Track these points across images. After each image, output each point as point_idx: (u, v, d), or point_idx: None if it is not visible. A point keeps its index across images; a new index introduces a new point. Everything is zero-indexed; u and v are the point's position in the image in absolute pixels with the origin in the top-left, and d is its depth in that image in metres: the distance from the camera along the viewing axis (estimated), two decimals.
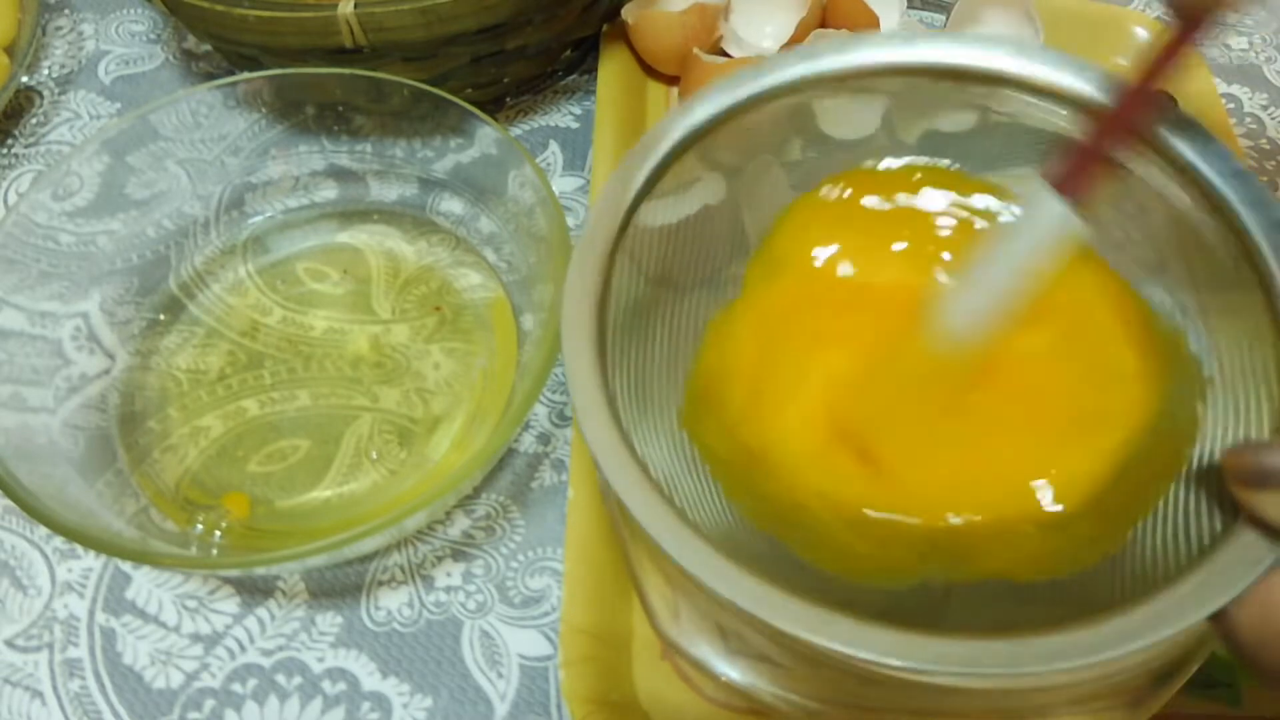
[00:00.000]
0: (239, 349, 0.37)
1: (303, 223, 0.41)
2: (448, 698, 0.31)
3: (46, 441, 0.32)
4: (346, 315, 0.38)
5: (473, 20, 0.38)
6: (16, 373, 0.33)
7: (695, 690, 0.29)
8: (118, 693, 0.31)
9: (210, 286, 0.39)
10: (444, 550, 0.34)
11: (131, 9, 0.51)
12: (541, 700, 0.31)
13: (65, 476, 0.31)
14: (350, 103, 0.40)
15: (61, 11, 0.51)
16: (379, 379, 0.36)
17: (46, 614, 0.32)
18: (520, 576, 0.33)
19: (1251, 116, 0.47)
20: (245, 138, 0.40)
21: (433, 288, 0.39)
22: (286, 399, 0.36)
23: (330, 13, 0.37)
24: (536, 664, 0.31)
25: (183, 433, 0.35)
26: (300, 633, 0.32)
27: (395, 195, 0.41)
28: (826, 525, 0.23)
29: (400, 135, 0.41)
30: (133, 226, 0.38)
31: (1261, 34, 0.51)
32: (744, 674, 0.28)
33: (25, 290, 0.34)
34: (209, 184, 0.40)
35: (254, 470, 0.34)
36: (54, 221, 0.35)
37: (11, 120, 0.46)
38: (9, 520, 0.34)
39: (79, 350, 0.35)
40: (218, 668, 0.31)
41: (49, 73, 0.48)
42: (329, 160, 0.41)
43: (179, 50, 0.49)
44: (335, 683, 0.31)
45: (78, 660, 0.31)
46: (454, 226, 0.40)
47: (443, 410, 0.35)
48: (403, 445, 0.35)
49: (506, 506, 0.35)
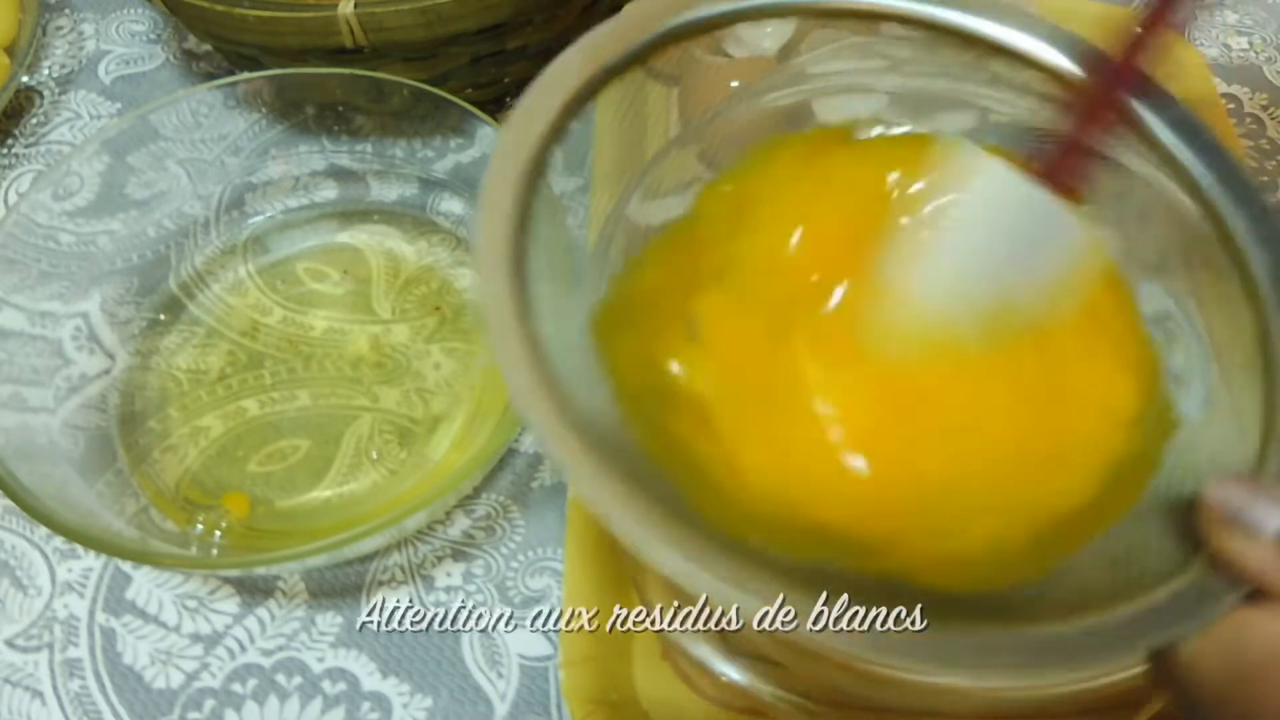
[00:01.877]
0: (239, 349, 0.37)
1: (303, 223, 0.41)
2: (448, 698, 0.31)
3: (46, 441, 0.32)
4: (346, 315, 0.38)
5: (473, 20, 0.38)
6: (16, 373, 0.33)
7: (695, 690, 0.29)
8: (118, 693, 0.31)
9: (210, 286, 0.39)
10: (444, 550, 0.34)
11: (131, 9, 0.51)
12: (541, 700, 0.31)
13: (65, 476, 0.31)
14: (350, 103, 0.40)
15: (61, 11, 0.51)
16: (379, 379, 0.36)
17: (46, 614, 0.32)
18: (520, 576, 0.33)
19: (1251, 116, 0.47)
20: (245, 138, 0.40)
21: (433, 288, 0.39)
22: (286, 399, 0.36)
23: (330, 13, 0.37)
24: (536, 664, 0.31)
25: (183, 433, 0.35)
26: (300, 633, 0.32)
27: (395, 195, 0.41)
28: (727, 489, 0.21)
29: (400, 135, 0.41)
30: (133, 226, 0.38)
31: (1261, 34, 0.51)
32: (744, 674, 0.29)
33: (25, 290, 0.34)
34: (209, 184, 0.40)
35: (254, 470, 0.34)
36: (54, 221, 0.35)
37: (11, 120, 0.46)
38: (9, 520, 0.34)
39: (79, 350, 0.36)
40: (218, 668, 0.31)
41: (49, 73, 0.48)
42: (329, 160, 0.41)
43: (179, 50, 0.49)
44: (335, 683, 0.31)
45: (78, 660, 0.31)
46: (454, 226, 0.40)
47: (443, 410, 0.35)
48: (403, 445, 0.35)
49: (506, 506, 0.35)
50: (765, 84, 0.31)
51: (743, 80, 0.34)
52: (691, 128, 0.29)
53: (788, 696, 0.28)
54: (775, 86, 0.30)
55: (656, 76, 0.27)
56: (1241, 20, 0.51)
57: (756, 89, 0.31)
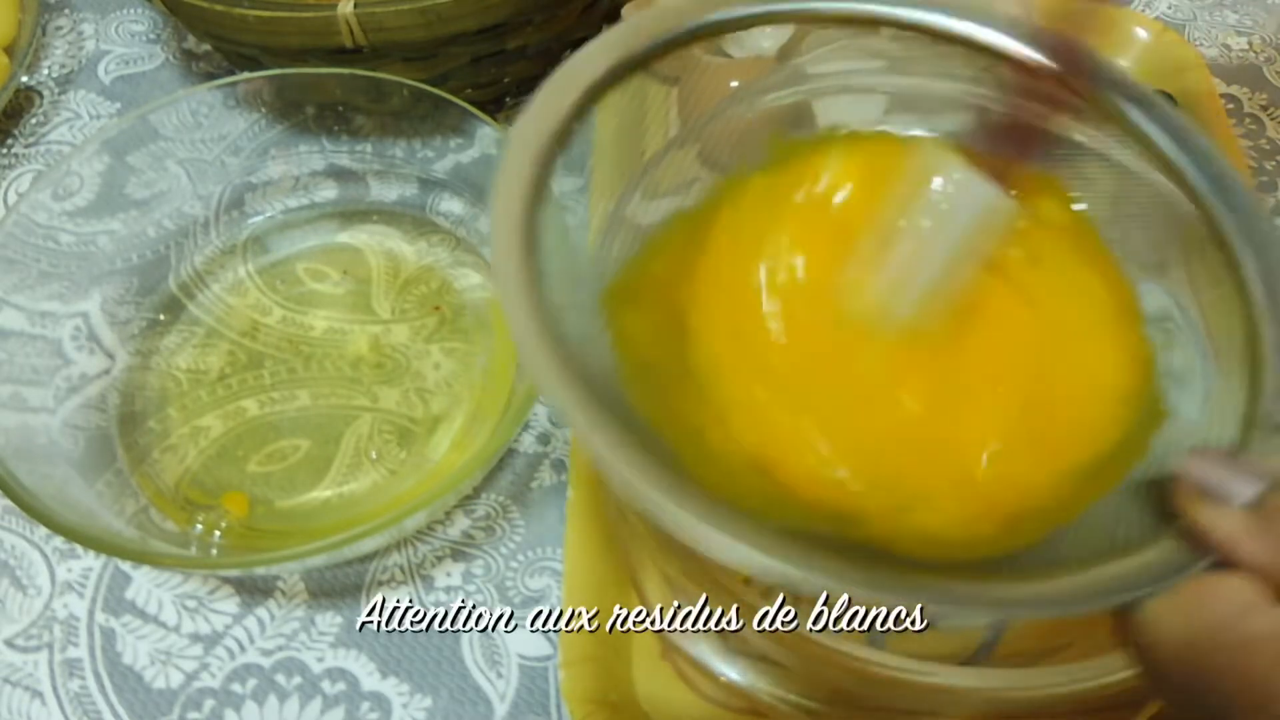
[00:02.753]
0: (239, 349, 0.37)
1: (303, 223, 0.41)
2: (447, 698, 0.31)
3: (46, 441, 0.32)
4: (346, 315, 0.38)
5: (473, 20, 0.38)
6: (16, 373, 0.33)
7: (695, 690, 0.29)
8: (117, 693, 0.31)
9: (210, 286, 0.39)
10: (444, 550, 0.34)
11: (131, 9, 0.51)
12: (541, 700, 0.31)
13: (65, 476, 0.31)
14: (350, 103, 0.40)
15: (61, 11, 0.51)
16: (379, 379, 0.36)
17: (46, 614, 0.32)
18: (520, 576, 0.33)
19: (1251, 116, 0.47)
20: (245, 138, 0.40)
21: (433, 288, 0.39)
22: (286, 399, 0.36)
23: (330, 13, 0.37)
24: (536, 664, 0.31)
25: (183, 433, 0.35)
26: (300, 633, 0.32)
27: (395, 195, 0.41)
28: (721, 456, 0.23)
29: (400, 135, 0.41)
30: (133, 226, 0.38)
31: (1261, 34, 0.51)
32: (744, 674, 0.29)
33: (25, 290, 0.34)
34: (209, 184, 0.40)
35: (254, 470, 0.34)
36: (54, 221, 0.35)
37: (11, 120, 0.46)
38: (9, 520, 0.34)
39: (79, 350, 0.36)
40: (217, 668, 0.31)
41: (49, 73, 0.48)
42: (329, 160, 0.41)
43: (179, 50, 0.49)
44: (335, 683, 0.31)
45: (78, 660, 0.31)
46: (454, 226, 0.40)
47: (443, 410, 0.35)
48: (403, 445, 0.35)
49: (506, 506, 0.35)
50: (765, 84, 0.31)
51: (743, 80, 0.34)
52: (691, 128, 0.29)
53: (787, 697, 0.28)
54: (775, 86, 0.30)
55: (656, 77, 0.27)
56: (1241, 20, 0.51)
57: (756, 89, 0.31)
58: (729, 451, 0.23)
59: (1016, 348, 0.24)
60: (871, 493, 0.22)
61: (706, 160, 0.27)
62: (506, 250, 0.21)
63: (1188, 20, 0.51)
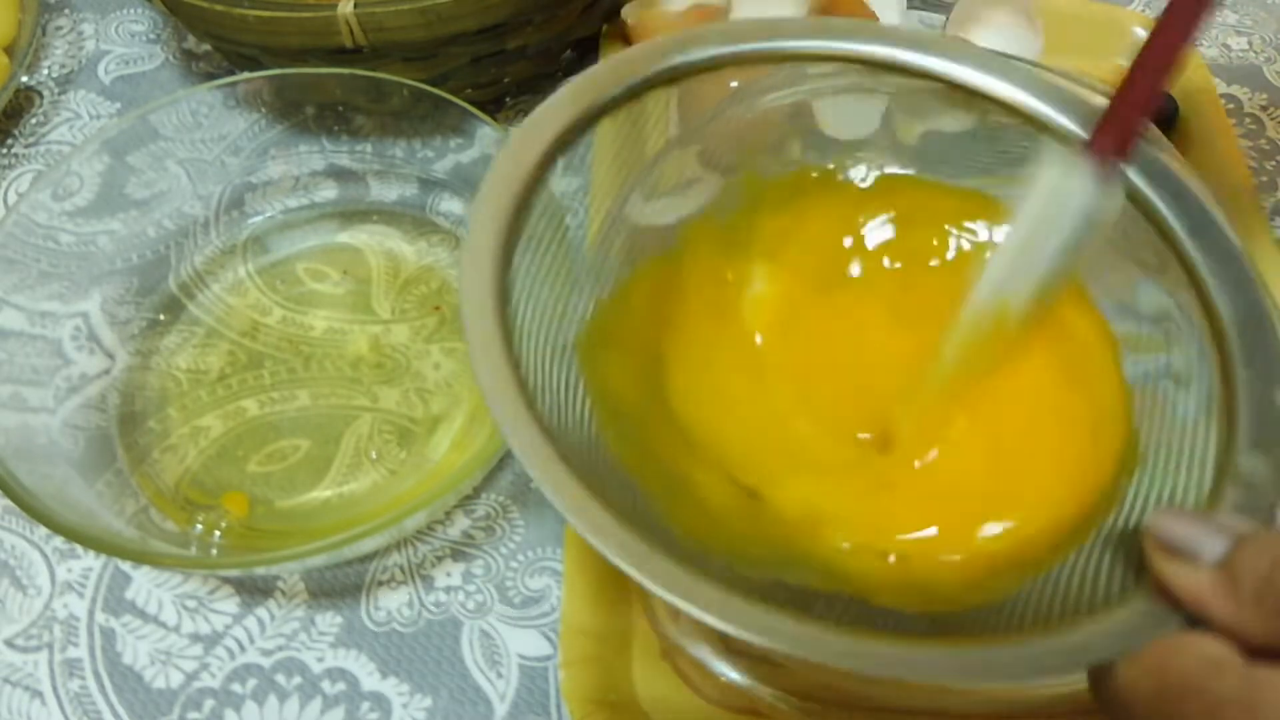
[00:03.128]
0: (239, 349, 0.37)
1: (303, 223, 0.41)
2: (447, 698, 0.31)
3: (46, 441, 0.32)
4: (346, 315, 0.38)
5: (473, 20, 0.38)
6: (16, 373, 0.33)
7: (695, 690, 0.29)
8: (117, 693, 0.31)
9: (210, 286, 0.39)
10: (444, 550, 0.34)
11: (131, 9, 0.51)
12: (541, 700, 0.31)
13: (65, 476, 0.31)
14: (350, 103, 0.40)
15: (61, 11, 0.51)
16: (379, 379, 0.36)
17: (46, 614, 0.32)
18: (520, 576, 0.33)
19: (1251, 117, 0.47)
20: (245, 138, 0.40)
21: (433, 288, 0.39)
22: (286, 399, 0.36)
23: (330, 13, 0.37)
24: (536, 664, 0.31)
25: (183, 433, 0.35)
26: (300, 633, 0.32)
27: (395, 195, 0.41)
28: (700, 500, 0.23)
29: (400, 135, 0.41)
30: (133, 226, 0.38)
31: (1261, 34, 0.51)
32: (744, 674, 0.29)
33: (25, 290, 0.34)
34: (209, 184, 0.40)
35: (254, 470, 0.34)
36: (54, 221, 0.35)
37: (11, 120, 0.46)
38: (9, 520, 0.34)
39: (79, 350, 0.36)
40: (217, 668, 0.31)
41: (49, 73, 0.48)
42: (329, 160, 0.41)
43: (179, 50, 0.49)
44: (335, 683, 0.31)
45: (77, 660, 0.31)
46: (454, 226, 0.40)
47: (442, 410, 0.35)
48: (403, 445, 0.35)
49: (506, 506, 0.35)
50: (765, 84, 0.31)
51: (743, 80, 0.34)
52: (691, 128, 0.29)
53: (787, 697, 0.28)
54: (775, 86, 0.30)
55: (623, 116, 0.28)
56: (1241, 20, 0.51)
57: (756, 89, 0.31)
58: (710, 495, 0.23)
59: (999, 399, 0.24)
60: (852, 536, 0.22)
61: (707, 160, 0.27)
62: (478, 311, 0.21)
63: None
